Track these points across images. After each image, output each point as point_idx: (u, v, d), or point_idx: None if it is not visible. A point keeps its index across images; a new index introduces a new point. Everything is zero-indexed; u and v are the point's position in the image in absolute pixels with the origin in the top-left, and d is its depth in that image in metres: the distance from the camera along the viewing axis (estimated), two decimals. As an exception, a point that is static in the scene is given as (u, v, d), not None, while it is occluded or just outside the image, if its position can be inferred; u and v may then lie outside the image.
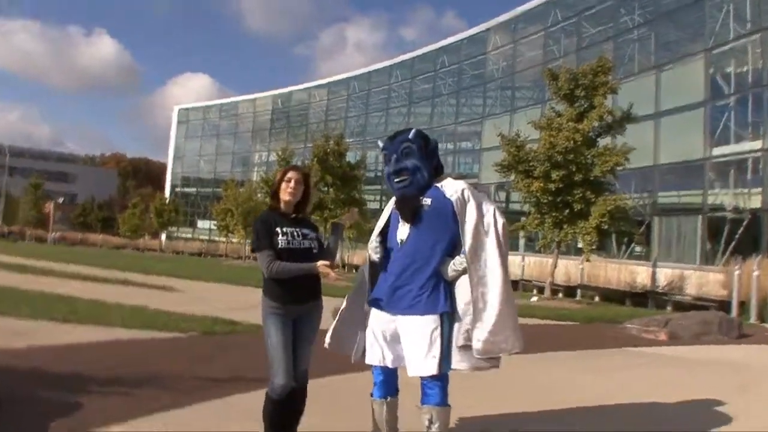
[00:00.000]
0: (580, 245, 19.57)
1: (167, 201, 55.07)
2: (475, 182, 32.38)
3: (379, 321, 3.39)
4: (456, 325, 3.29)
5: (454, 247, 3.31)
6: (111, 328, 7.82)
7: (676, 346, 9.04)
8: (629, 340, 9.43)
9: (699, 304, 16.85)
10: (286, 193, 3.60)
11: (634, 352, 8.41)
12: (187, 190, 66.80)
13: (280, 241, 3.47)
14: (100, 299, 10.49)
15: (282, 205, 3.62)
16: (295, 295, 3.46)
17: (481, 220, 3.25)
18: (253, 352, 6.54)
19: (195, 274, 19.81)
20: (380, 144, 3.57)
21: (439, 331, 3.21)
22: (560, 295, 20.57)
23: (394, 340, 3.33)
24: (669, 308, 18.09)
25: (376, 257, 3.55)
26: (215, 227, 46.41)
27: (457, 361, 3.30)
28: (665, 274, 20.84)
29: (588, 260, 18.39)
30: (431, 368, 3.16)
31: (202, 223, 62.72)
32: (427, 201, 3.28)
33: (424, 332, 3.20)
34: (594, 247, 17.04)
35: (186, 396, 4.76)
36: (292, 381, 3.41)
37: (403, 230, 3.33)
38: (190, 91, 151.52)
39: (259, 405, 3.52)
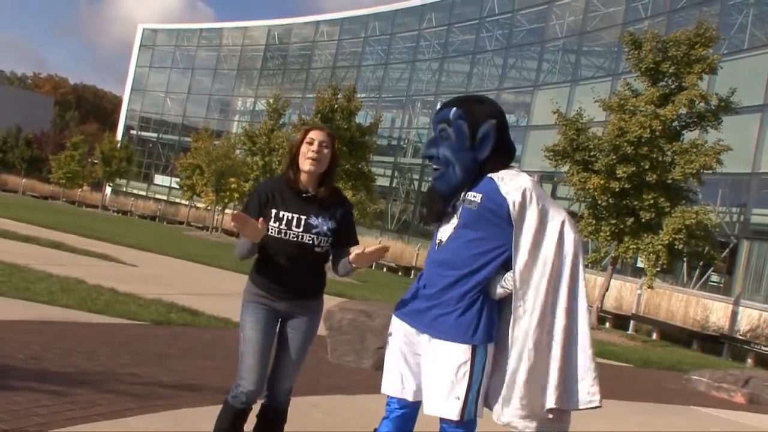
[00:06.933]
0: (640, 265, 17.40)
1: (118, 145, 45.10)
2: (515, 168, 28.84)
3: (402, 337, 2.83)
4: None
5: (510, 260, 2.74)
6: (34, 304, 6.62)
7: (757, 414, 7.64)
8: (695, 397, 8.22)
9: (792, 363, 14.64)
10: (306, 160, 2.97)
11: (703, 415, 7.26)
12: (145, 134, 56.51)
13: (271, 228, 2.92)
14: (22, 264, 8.95)
15: (302, 176, 3.01)
16: (287, 285, 2.98)
17: (543, 231, 2.69)
18: (217, 353, 5.84)
19: (147, 243, 17.23)
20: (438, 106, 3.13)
21: (468, 367, 2.65)
22: (607, 325, 17.96)
23: (419, 366, 2.78)
24: (749, 361, 15.54)
25: None
26: (177, 186, 39.30)
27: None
28: (749, 317, 17.44)
29: (650, 286, 15.34)
30: (451, 411, 2.64)
31: (160, 179, 53.49)
32: (475, 196, 2.73)
33: (449, 365, 2.67)
34: (660, 269, 14.57)
35: (122, 403, 3.97)
36: (263, 389, 2.98)
37: (446, 228, 2.82)
38: (156, 4, 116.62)
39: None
